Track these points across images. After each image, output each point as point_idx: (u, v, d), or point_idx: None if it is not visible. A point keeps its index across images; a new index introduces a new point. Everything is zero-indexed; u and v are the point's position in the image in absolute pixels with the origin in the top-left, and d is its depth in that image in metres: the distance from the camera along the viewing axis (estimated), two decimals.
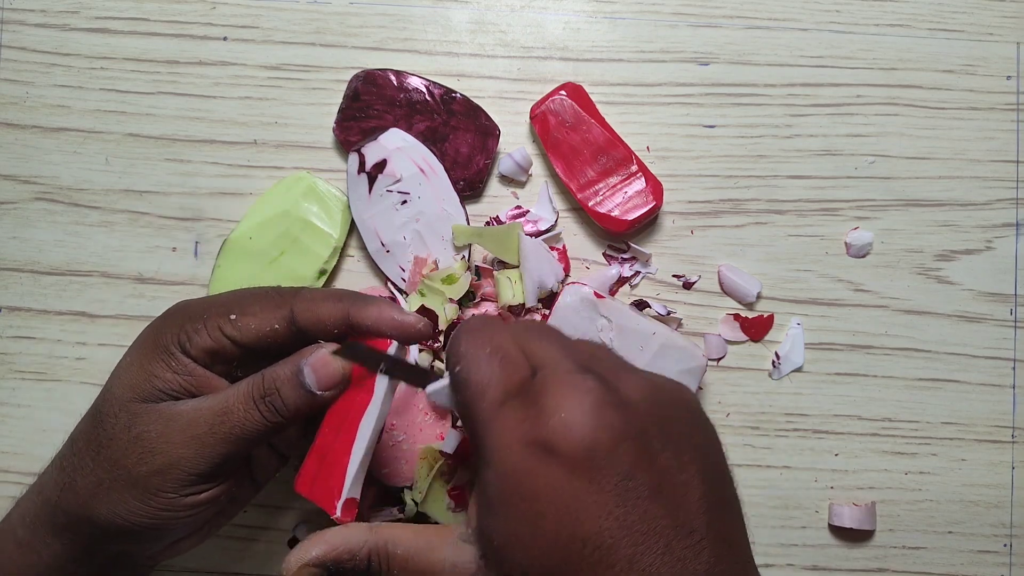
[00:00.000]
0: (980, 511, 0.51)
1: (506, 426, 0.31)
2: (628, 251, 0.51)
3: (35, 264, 0.51)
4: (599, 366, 0.33)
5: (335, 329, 0.38)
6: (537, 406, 0.31)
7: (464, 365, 0.33)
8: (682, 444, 0.32)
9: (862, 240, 0.51)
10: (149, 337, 0.39)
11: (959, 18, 0.52)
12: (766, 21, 0.52)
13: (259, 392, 0.37)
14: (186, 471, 0.37)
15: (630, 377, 0.33)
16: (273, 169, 0.52)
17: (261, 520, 0.51)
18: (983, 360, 0.52)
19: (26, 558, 0.39)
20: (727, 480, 0.33)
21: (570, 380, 0.31)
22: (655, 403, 0.32)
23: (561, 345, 0.34)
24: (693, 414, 0.34)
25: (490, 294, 0.50)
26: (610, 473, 0.30)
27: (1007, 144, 0.52)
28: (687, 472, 0.31)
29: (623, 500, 0.30)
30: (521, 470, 0.30)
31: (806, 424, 0.51)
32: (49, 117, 0.52)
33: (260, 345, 0.38)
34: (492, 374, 0.32)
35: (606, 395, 0.31)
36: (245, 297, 0.39)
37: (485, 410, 0.32)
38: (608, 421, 0.30)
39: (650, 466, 0.30)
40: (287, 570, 0.35)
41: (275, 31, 0.52)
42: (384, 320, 0.38)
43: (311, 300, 0.38)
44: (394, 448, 0.49)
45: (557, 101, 0.50)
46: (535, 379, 0.32)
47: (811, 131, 0.52)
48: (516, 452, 0.31)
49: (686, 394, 0.34)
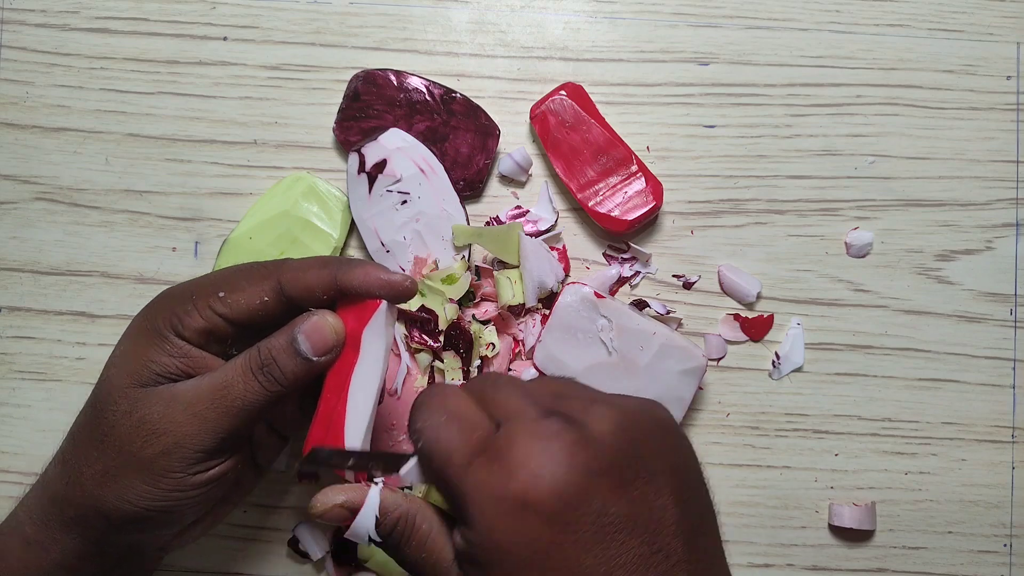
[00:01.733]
0: (980, 511, 0.51)
1: (477, 486, 0.31)
2: (628, 251, 0.51)
3: (35, 264, 0.51)
4: (564, 405, 0.33)
5: (324, 295, 0.39)
6: (504, 460, 0.31)
7: (424, 438, 0.33)
8: (656, 468, 0.32)
9: (862, 240, 0.51)
10: (141, 324, 0.39)
11: (959, 18, 0.52)
12: (766, 21, 0.52)
13: (256, 364, 0.38)
14: (192, 448, 0.37)
15: (597, 409, 0.33)
16: (273, 169, 0.52)
17: (261, 520, 0.51)
18: (983, 360, 0.52)
19: (35, 556, 0.39)
20: (703, 497, 0.34)
21: (534, 428, 0.32)
22: (625, 431, 0.32)
23: (522, 392, 0.34)
24: (666, 433, 0.34)
25: (490, 294, 0.50)
26: (585, 513, 0.30)
27: (1007, 144, 0.52)
28: (662, 496, 0.31)
29: (600, 537, 0.30)
30: (499, 528, 0.31)
31: (806, 424, 0.51)
32: (49, 117, 0.52)
33: (251, 320, 0.39)
34: (451, 439, 0.33)
35: (572, 435, 0.31)
36: (231, 274, 0.40)
37: (454, 475, 0.32)
38: (577, 462, 0.31)
39: (623, 497, 0.31)
40: (316, 507, 0.35)
41: (275, 31, 0.52)
42: (371, 280, 0.38)
43: (297, 269, 0.39)
44: (394, 448, 0.49)
45: (557, 101, 0.50)
46: (499, 432, 0.32)
47: (811, 131, 0.52)
48: (491, 511, 0.31)
49: (658, 413, 0.34)
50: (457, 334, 0.49)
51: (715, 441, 0.51)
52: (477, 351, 0.49)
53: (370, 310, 0.39)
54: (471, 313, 0.50)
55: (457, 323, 0.49)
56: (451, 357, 0.49)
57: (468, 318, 0.50)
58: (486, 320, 0.50)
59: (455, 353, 0.49)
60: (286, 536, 0.50)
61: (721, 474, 0.51)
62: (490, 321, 0.50)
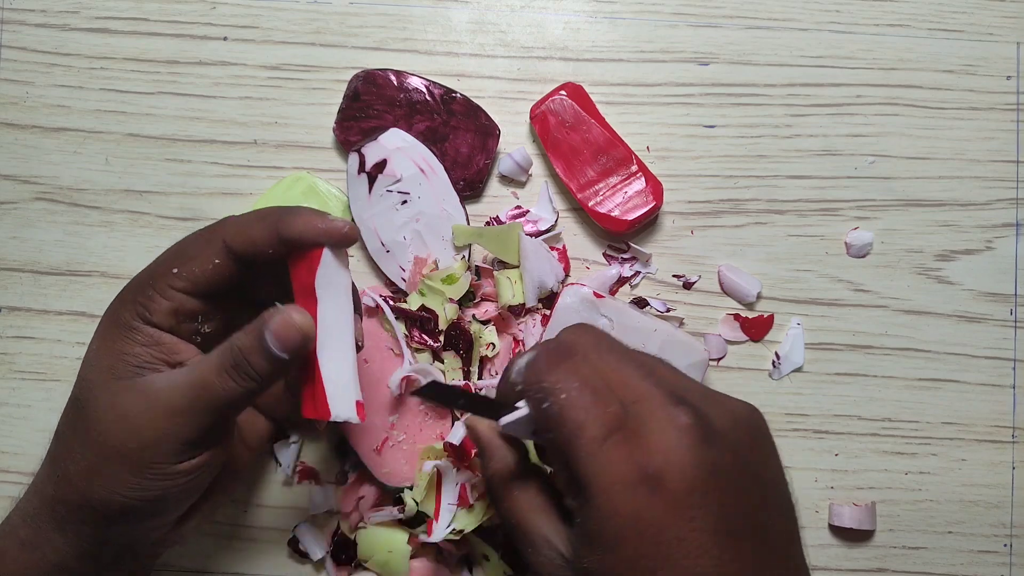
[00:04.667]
0: (980, 511, 0.51)
1: (610, 465, 0.31)
2: (628, 251, 0.51)
3: (35, 264, 0.51)
4: (688, 395, 0.33)
5: (269, 248, 0.38)
6: (639, 444, 0.31)
7: (555, 401, 0.33)
8: (762, 478, 0.33)
9: (862, 240, 0.51)
10: (109, 319, 0.39)
11: (959, 18, 0.52)
12: (766, 21, 0.52)
13: (230, 362, 0.37)
14: (175, 441, 0.37)
15: (714, 407, 0.33)
16: (273, 169, 0.52)
17: (261, 520, 0.51)
18: (983, 360, 0.52)
19: (30, 558, 0.39)
20: (791, 506, 0.34)
21: (668, 415, 0.32)
22: (739, 435, 0.33)
23: (644, 371, 0.34)
24: (767, 442, 0.35)
25: (490, 294, 0.50)
26: (708, 512, 0.31)
27: (1007, 144, 0.52)
28: (767, 509, 0.32)
29: (718, 540, 0.30)
30: (627, 511, 0.31)
31: (806, 424, 0.51)
32: (49, 117, 0.52)
33: (211, 286, 0.39)
34: (588, 411, 0.32)
35: (702, 430, 0.31)
36: (179, 248, 0.40)
37: (584, 447, 0.32)
38: (707, 459, 0.31)
39: (739, 504, 0.31)
40: (472, 425, 0.38)
41: (275, 31, 0.52)
42: (310, 228, 0.38)
43: (239, 225, 0.39)
44: (394, 448, 0.49)
45: (557, 101, 0.50)
46: (631, 413, 0.32)
47: (811, 131, 0.52)
48: (621, 492, 0.31)
49: (758, 419, 0.35)
50: (457, 334, 0.49)
51: None
52: (477, 351, 0.49)
53: (316, 260, 0.38)
54: (471, 313, 0.50)
55: (457, 323, 0.49)
56: (451, 357, 0.49)
57: (468, 318, 0.50)
58: (486, 320, 0.50)
59: (455, 353, 0.49)
60: (286, 536, 0.50)
61: None
62: (490, 321, 0.50)
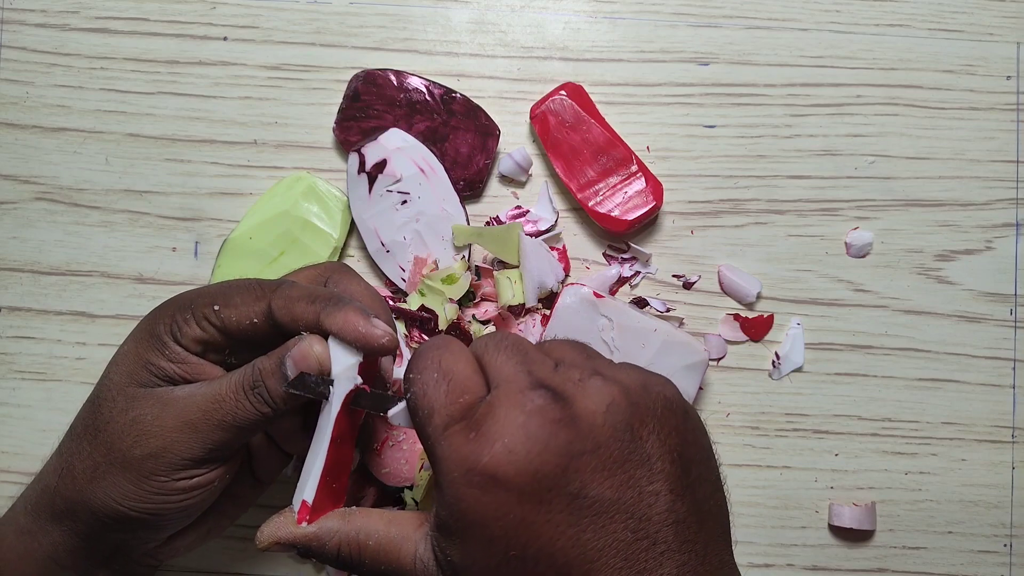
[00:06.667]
0: (980, 511, 0.51)
1: (449, 453, 0.31)
2: (628, 251, 0.51)
3: (35, 264, 0.51)
4: (561, 374, 0.32)
5: (307, 329, 0.38)
6: (480, 431, 0.31)
7: (413, 391, 0.33)
8: (652, 451, 0.31)
9: (862, 240, 0.51)
10: (145, 327, 0.39)
11: (959, 18, 0.52)
12: (766, 21, 0.52)
13: (248, 383, 0.37)
14: (179, 455, 0.37)
15: (594, 383, 0.32)
16: (273, 169, 0.52)
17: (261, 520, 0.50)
18: (983, 360, 0.52)
19: (26, 545, 0.39)
20: (707, 486, 0.33)
21: (517, 400, 0.31)
22: (619, 409, 0.31)
23: (521, 357, 0.33)
24: (670, 414, 0.32)
25: (490, 294, 0.50)
26: (560, 493, 0.30)
27: (1007, 144, 0.52)
28: (655, 482, 0.30)
29: (576, 519, 0.30)
30: (467, 499, 0.30)
31: (806, 424, 0.51)
32: (49, 117, 0.52)
33: (242, 336, 0.39)
34: (437, 398, 0.32)
35: (555, 412, 0.30)
36: (231, 288, 0.39)
37: (430, 436, 0.32)
38: (556, 441, 0.30)
39: (606, 480, 0.30)
40: (259, 542, 0.36)
41: (275, 31, 0.52)
42: (348, 329, 0.37)
43: (288, 298, 0.38)
44: (394, 448, 0.49)
45: (557, 101, 0.50)
46: (486, 401, 0.32)
47: (811, 131, 0.52)
48: (460, 480, 0.30)
49: (666, 391, 0.33)
50: (457, 334, 0.49)
51: (715, 441, 0.50)
52: None
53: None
54: (471, 313, 0.50)
55: (457, 323, 0.49)
56: None
57: (468, 318, 0.50)
58: (486, 320, 0.50)
59: None
60: None
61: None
62: (490, 321, 0.50)
